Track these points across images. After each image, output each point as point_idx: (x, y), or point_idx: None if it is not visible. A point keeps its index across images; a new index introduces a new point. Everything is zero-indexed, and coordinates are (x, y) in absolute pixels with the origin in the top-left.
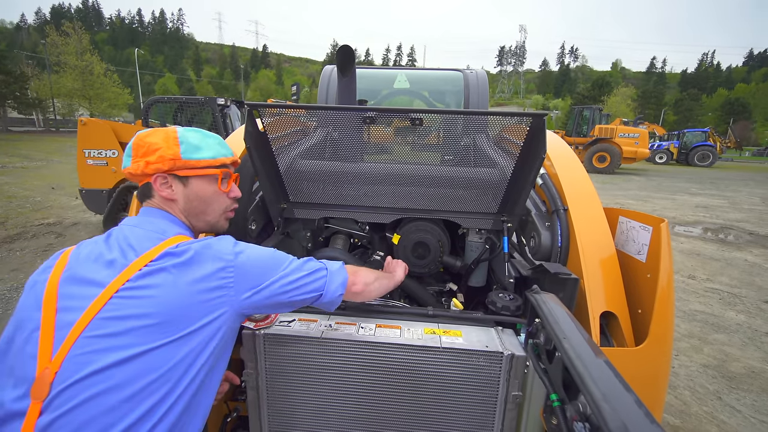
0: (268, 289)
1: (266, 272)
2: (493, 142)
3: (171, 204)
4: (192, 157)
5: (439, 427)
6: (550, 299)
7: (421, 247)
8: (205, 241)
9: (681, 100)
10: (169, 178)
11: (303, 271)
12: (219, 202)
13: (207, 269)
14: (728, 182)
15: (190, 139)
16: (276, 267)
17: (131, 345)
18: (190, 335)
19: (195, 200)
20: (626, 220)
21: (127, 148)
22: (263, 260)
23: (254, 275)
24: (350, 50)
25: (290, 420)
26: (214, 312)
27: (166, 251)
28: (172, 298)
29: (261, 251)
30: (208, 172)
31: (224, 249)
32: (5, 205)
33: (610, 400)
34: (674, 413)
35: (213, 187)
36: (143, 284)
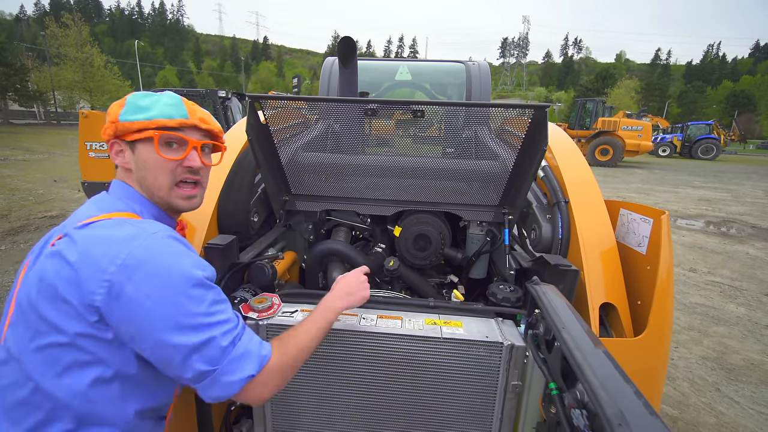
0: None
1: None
2: (494, 134)
3: (127, 175)
4: (128, 118)
5: (440, 416)
6: (550, 290)
7: (422, 239)
8: (112, 231)
9: (685, 92)
10: (122, 145)
11: (199, 333)
12: (164, 171)
13: (76, 275)
14: (732, 175)
15: (137, 99)
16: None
17: (16, 337)
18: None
19: (143, 168)
20: (627, 212)
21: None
22: (168, 285)
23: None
24: (352, 42)
25: (293, 408)
26: (72, 330)
27: (68, 231)
28: (33, 288)
29: (175, 273)
30: (143, 135)
31: (118, 251)
32: (8, 197)
33: (607, 387)
34: (673, 404)
35: (157, 155)
36: (20, 298)
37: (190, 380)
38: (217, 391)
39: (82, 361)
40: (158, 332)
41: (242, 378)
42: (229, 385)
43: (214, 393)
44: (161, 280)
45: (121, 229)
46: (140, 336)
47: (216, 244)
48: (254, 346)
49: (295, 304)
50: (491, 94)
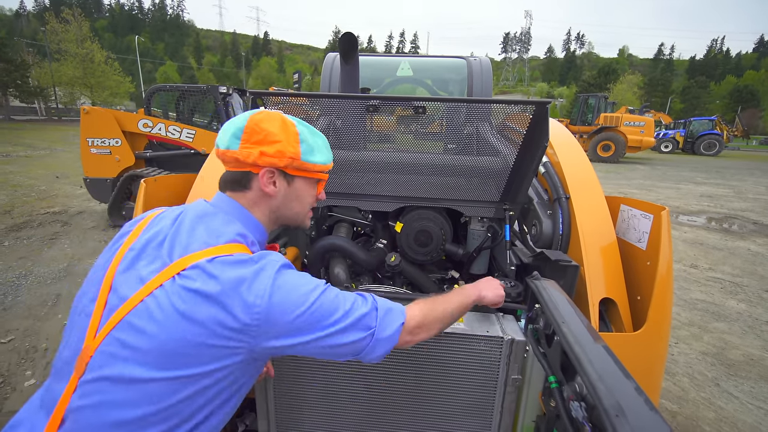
0: (296, 346)
1: (302, 326)
2: (495, 131)
3: (265, 200)
4: (309, 160)
5: (441, 409)
6: (550, 285)
7: (423, 235)
8: (244, 270)
9: (688, 87)
10: (276, 173)
11: (348, 334)
12: (309, 203)
13: (227, 316)
14: (734, 171)
15: (308, 138)
16: (317, 322)
17: (135, 363)
18: (194, 378)
19: (294, 200)
20: (627, 208)
21: (236, 129)
22: (302, 308)
23: (284, 324)
24: (353, 38)
25: (295, 401)
26: (225, 360)
27: (197, 264)
28: (176, 328)
29: (302, 294)
30: (318, 176)
31: (256, 291)
32: (11, 194)
33: (605, 379)
34: (672, 399)
35: (313, 190)
36: (159, 295)
37: (358, 351)
38: (380, 348)
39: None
40: (313, 342)
41: (396, 328)
42: (388, 338)
43: (379, 351)
44: (298, 303)
45: (247, 267)
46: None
47: None
48: (390, 303)
49: None
50: (493, 90)
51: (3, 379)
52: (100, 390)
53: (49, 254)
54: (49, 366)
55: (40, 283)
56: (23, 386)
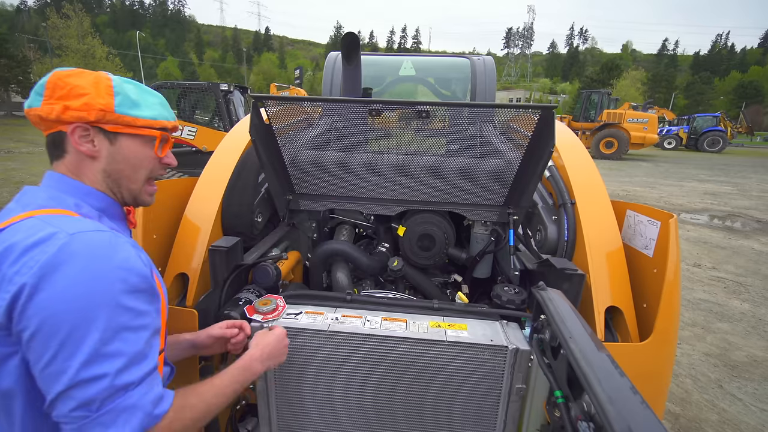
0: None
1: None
2: (500, 133)
3: (88, 163)
4: (129, 113)
5: (444, 417)
6: (557, 296)
7: (426, 239)
8: (25, 233)
9: (692, 83)
10: (92, 131)
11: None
12: (148, 168)
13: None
14: (738, 168)
15: (128, 91)
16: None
17: None
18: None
19: (122, 162)
20: (634, 213)
21: (39, 85)
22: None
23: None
24: (355, 38)
25: (298, 408)
26: None
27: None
28: None
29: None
30: (146, 132)
31: (31, 256)
32: (14, 191)
33: (615, 401)
34: (675, 401)
35: (147, 151)
36: None
37: (57, 415)
38: (116, 418)
39: None
40: (51, 349)
41: (137, 419)
42: (133, 407)
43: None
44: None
45: (38, 232)
46: (33, 346)
47: (221, 246)
48: (148, 400)
49: (299, 305)
50: (496, 86)
51: None
52: None
53: None
54: None
55: None
56: None
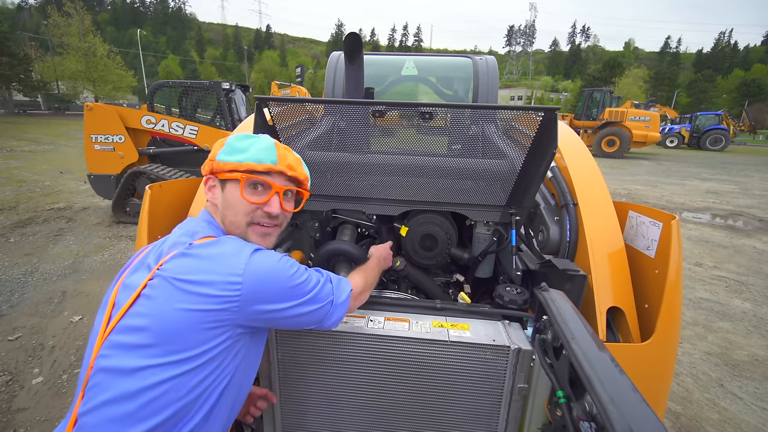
0: (273, 314)
1: (278, 295)
2: (502, 133)
3: (213, 208)
4: (223, 159)
5: (446, 416)
6: (559, 297)
7: (428, 239)
8: (216, 248)
9: (695, 81)
10: (215, 181)
11: (315, 303)
12: (244, 212)
13: (209, 288)
14: (740, 167)
15: (236, 141)
16: (293, 291)
17: (129, 355)
18: (196, 363)
19: (227, 207)
20: (636, 214)
21: None
22: (278, 280)
23: (264, 294)
24: (358, 38)
25: (302, 408)
26: (218, 338)
27: (180, 252)
28: (165, 314)
29: (276, 267)
30: (233, 176)
31: (234, 262)
32: (16, 189)
33: (617, 403)
34: (676, 400)
35: (236, 194)
36: (149, 292)
37: (321, 318)
38: (338, 313)
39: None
40: (289, 309)
41: (347, 295)
42: (343, 303)
43: (336, 315)
44: (276, 273)
45: (225, 245)
46: (273, 318)
47: None
48: (338, 278)
49: None
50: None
51: (11, 377)
52: (97, 390)
53: (54, 251)
54: (56, 363)
55: (46, 280)
56: (31, 384)
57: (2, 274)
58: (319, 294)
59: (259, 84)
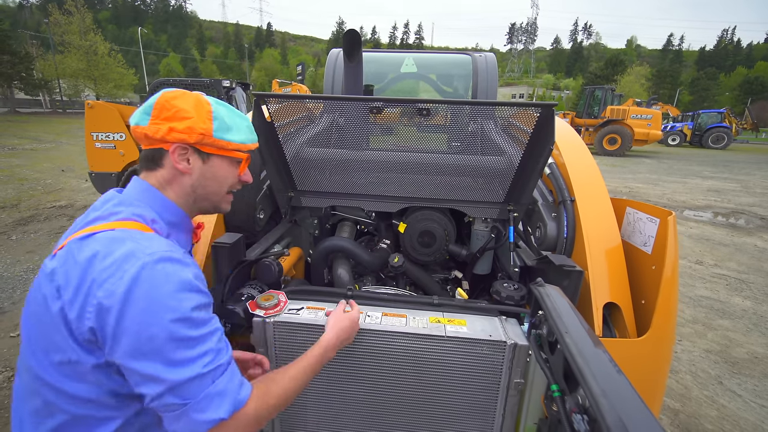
0: (132, 371)
1: (148, 349)
2: (501, 129)
3: (179, 178)
4: (224, 137)
5: (443, 411)
6: (554, 292)
7: (427, 235)
8: (107, 248)
9: (697, 79)
10: (189, 151)
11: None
12: (230, 184)
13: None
14: (742, 165)
15: (223, 116)
16: (164, 351)
17: (27, 353)
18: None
19: (210, 179)
20: (633, 211)
21: (147, 105)
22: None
23: (132, 338)
24: (357, 35)
25: (300, 401)
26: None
27: (71, 241)
28: (35, 325)
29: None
30: (235, 155)
31: (113, 274)
32: (17, 187)
33: (608, 394)
34: (675, 397)
35: (233, 170)
36: (32, 291)
37: (158, 406)
38: (181, 427)
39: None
40: (141, 359)
41: (211, 420)
42: (195, 424)
43: (178, 428)
44: (150, 312)
45: (119, 247)
46: (124, 354)
47: (223, 242)
48: (233, 386)
49: (301, 301)
50: (498, 82)
51: (12, 372)
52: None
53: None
54: None
55: None
56: None
57: (4, 271)
58: (185, 382)
59: (260, 82)
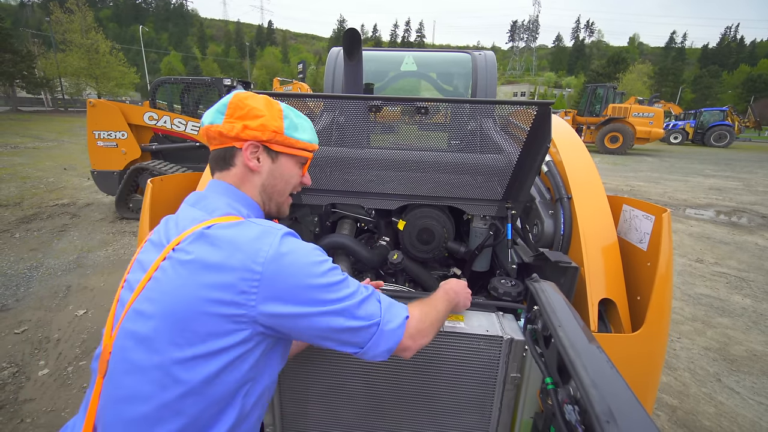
0: (294, 320)
1: (305, 294)
2: (499, 127)
3: (250, 177)
4: (293, 136)
5: (441, 405)
6: (549, 287)
7: (425, 233)
8: (240, 230)
9: (700, 77)
10: (260, 149)
11: (352, 318)
12: (292, 184)
13: (226, 276)
14: (745, 163)
15: (291, 116)
16: (322, 294)
17: (142, 349)
18: (213, 363)
19: (278, 178)
20: (629, 208)
21: (220, 105)
22: (302, 274)
23: (283, 290)
24: (357, 34)
25: (300, 394)
26: (235, 336)
27: (198, 231)
28: (176, 301)
29: (310, 261)
30: (301, 154)
31: (258, 249)
32: (20, 185)
33: (598, 385)
34: (673, 394)
35: (297, 171)
36: (159, 275)
37: (362, 342)
38: (386, 342)
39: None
40: (314, 317)
41: (402, 321)
42: (394, 330)
43: (384, 345)
44: (303, 268)
45: (250, 229)
46: (295, 326)
47: None
48: (390, 298)
49: None
50: (499, 81)
51: (18, 368)
52: (116, 384)
53: (58, 246)
54: (61, 356)
55: (50, 275)
56: (37, 375)
57: (8, 268)
58: (360, 309)
59: (260, 80)
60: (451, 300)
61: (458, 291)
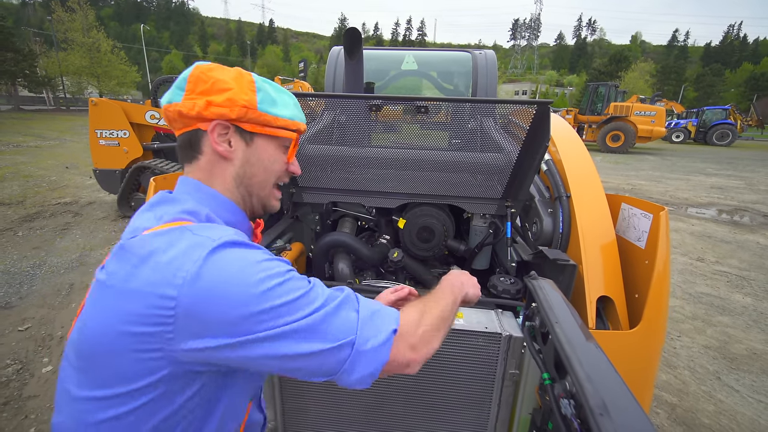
0: (224, 347)
1: (235, 320)
2: (499, 126)
3: (222, 166)
4: (269, 111)
5: (441, 401)
6: (547, 285)
7: (425, 231)
8: (163, 241)
9: (702, 75)
10: (231, 131)
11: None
12: (278, 173)
13: (138, 303)
14: (747, 162)
15: (267, 89)
16: (264, 317)
17: (75, 378)
18: (134, 406)
19: (256, 164)
20: (628, 207)
21: (179, 80)
22: (240, 297)
23: (212, 316)
24: (357, 33)
25: (301, 391)
26: (158, 374)
27: (119, 245)
28: (94, 331)
29: (247, 276)
30: (283, 134)
31: (176, 267)
32: (23, 184)
33: (593, 379)
34: (672, 392)
35: (280, 156)
36: (88, 298)
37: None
38: (365, 366)
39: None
40: (257, 345)
41: (387, 336)
42: (376, 350)
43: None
44: (232, 298)
45: (178, 240)
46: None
47: None
48: (376, 303)
49: None
50: (500, 79)
51: (22, 365)
52: (57, 408)
53: (61, 244)
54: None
55: (53, 273)
56: (41, 372)
57: (11, 266)
58: (324, 325)
59: None
60: (457, 294)
61: (464, 282)
